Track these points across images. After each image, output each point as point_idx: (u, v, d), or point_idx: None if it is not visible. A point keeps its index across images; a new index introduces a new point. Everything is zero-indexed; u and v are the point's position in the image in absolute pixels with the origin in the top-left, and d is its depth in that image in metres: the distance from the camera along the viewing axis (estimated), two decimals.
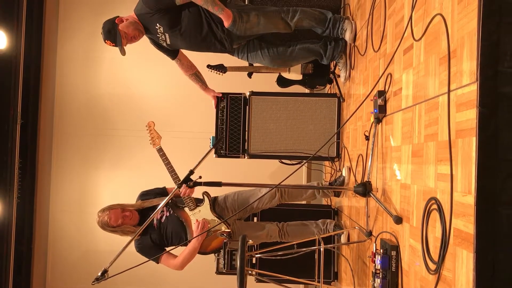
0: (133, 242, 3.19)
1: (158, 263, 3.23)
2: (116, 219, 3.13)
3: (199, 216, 3.22)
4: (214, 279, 4.22)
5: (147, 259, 2.97)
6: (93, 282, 2.25)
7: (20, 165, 5.00)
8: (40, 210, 5.61)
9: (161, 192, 3.41)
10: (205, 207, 3.25)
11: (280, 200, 3.47)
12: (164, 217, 3.27)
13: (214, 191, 3.17)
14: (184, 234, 3.25)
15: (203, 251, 3.29)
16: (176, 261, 3.20)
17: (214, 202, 3.38)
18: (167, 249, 3.25)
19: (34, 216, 5.54)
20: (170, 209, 3.29)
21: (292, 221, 3.59)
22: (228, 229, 3.23)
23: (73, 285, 5.56)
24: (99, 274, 2.27)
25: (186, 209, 3.23)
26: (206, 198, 3.27)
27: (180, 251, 3.22)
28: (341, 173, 3.45)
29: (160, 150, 3.18)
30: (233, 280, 2.86)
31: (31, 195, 5.46)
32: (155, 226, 3.24)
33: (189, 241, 3.20)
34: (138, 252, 3.20)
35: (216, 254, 3.73)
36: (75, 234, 5.61)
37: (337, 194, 3.62)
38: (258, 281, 3.53)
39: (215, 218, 3.23)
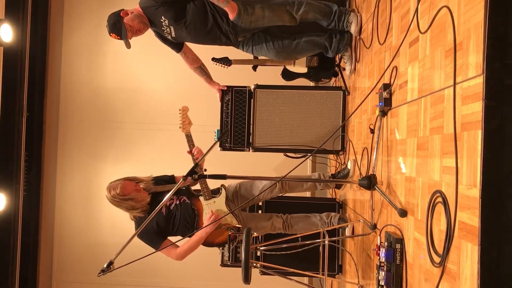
0: (135, 227, 3.18)
1: (157, 249, 3.17)
2: (129, 190, 3.07)
3: (213, 207, 3.19)
4: (219, 272, 4.24)
5: (152, 250, 2.95)
6: (99, 273, 2.27)
7: (26, 158, 5.03)
8: (46, 202, 5.65)
9: (170, 180, 3.40)
10: (220, 199, 3.22)
11: (281, 191, 3.47)
12: (173, 205, 3.25)
13: (218, 183, 3.17)
14: (192, 223, 3.23)
15: (210, 243, 3.28)
16: (178, 250, 3.16)
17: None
18: (170, 238, 3.22)
19: (40, 208, 5.58)
20: (180, 197, 3.27)
21: (297, 213, 3.60)
22: (239, 224, 3.23)
23: (79, 277, 5.61)
24: (105, 266, 2.28)
25: (201, 198, 3.21)
26: (223, 190, 3.25)
27: (180, 243, 3.20)
28: (346, 166, 3.45)
29: (188, 136, 3.17)
30: (237, 272, 2.88)
31: (37, 187, 5.50)
32: (163, 212, 3.21)
33: (197, 231, 3.18)
34: (139, 236, 3.13)
35: (220, 248, 3.74)
36: (81, 226, 5.65)
37: (338, 186, 3.62)
38: (263, 273, 3.55)
39: (228, 212, 3.22)
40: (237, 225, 3.22)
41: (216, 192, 3.26)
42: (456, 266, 1.45)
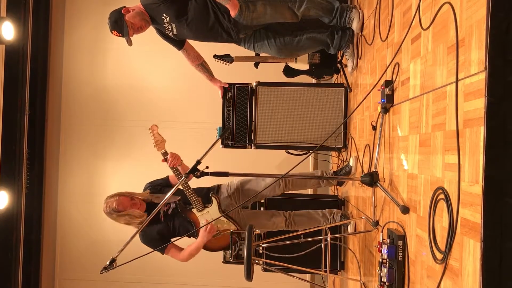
0: (139, 236, 3.21)
1: (163, 254, 3.25)
2: (124, 205, 3.13)
3: (207, 217, 3.20)
4: (221, 268, 4.25)
5: (154, 250, 2.98)
6: (102, 271, 2.28)
7: (28, 156, 5.04)
8: (48, 200, 5.66)
9: (165, 183, 3.40)
10: (213, 208, 3.23)
11: (284, 189, 3.47)
12: (170, 209, 3.27)
13: (219, 180, 3.16)
14: (191, 228, 3.25)
15: (210, 248, 3.29)
16: (182, 255, 3.23)
17: (217, 190, 3.38)
18: (173, 240, 3.26)
19: (42, 206, 5.59)
20: (176, 198, 3.28)
21: (299, 210, 3.60)
22: (237, 229, 3.23)
23: (81, 274, 5.63)
24: (108, 263, 2.29)
25: (194, 210, 3.22)
26: (214, 200, 3.25)
27: (185, 243, 3.23)
28: (348, 163, 3.45)
29: (165, 154, 3.15)
30: (240, 269, 2.88)
31: (40, 185, 5.51)
32: (161, 218, 3.24)
33: (195, 233, 3.21)
34: (144, 243, 3.21)
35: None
36: (83, 223, 5.66)
37: (340, 184, 3.61)
38: (265, 270, 3.56)
39: (224, 219, 3.23)
40: (236, 231, 3.23)
41: (207, 202, 3.26)
42: (459, 263, 1.45)
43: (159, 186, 3.38)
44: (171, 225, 3.25)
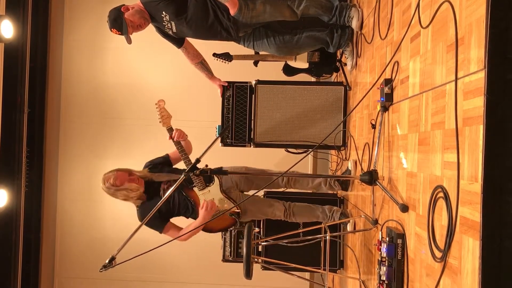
0: (136, 213, 3.21)
1: (161, 232, 3.21)
2: (122, 180, 3.12)
3: (208, 196, 3.17)
4: (221, 267, 4.25)
5: (153, 246, 2.96)
6: (101, 269, 2.27)
7: (27, 154, 5.04)
8: (48, 198, 5.66)
9: (165, 161, 3.40)
10: (215, 187, 3.20)
11: (286, 186, 3.48)
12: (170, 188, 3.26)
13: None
14: (191, 204, 3.24)
15: (210, 229, 3.28)
16: (181, 233, 3.15)
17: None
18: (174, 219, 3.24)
19: (42, 204, 5.59)
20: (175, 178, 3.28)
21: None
22: (238, 209, 3.23)
23: (81, 272, 5.63)
24: (107, 261, 2.29)
25: (195, 189, 3.20)
26: (216, 179, 3.24)
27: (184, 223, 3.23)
28: (347, 167, 3.45)
29: (170, 130, 3.14)
30: (239, 267, 2.88)
31: (39, 184, 5.51)
32: (161, 195, 3.22)
33: (196, 213, 3.19)
34: (141, 221, 3.16)
35: (222, 238, 3.75)
36: (82, 222, 5.66)
37: (345, 188, 3.58)
38: (264, 268, 3.56)
39: (224, 198, 3.21)
40: (237, 210, 3.22)
41: (209, 181, 3.24)
42: (458, 261, 1.45)
43: (159, 165, 3.37)
44: (171, 202, 3.23)
